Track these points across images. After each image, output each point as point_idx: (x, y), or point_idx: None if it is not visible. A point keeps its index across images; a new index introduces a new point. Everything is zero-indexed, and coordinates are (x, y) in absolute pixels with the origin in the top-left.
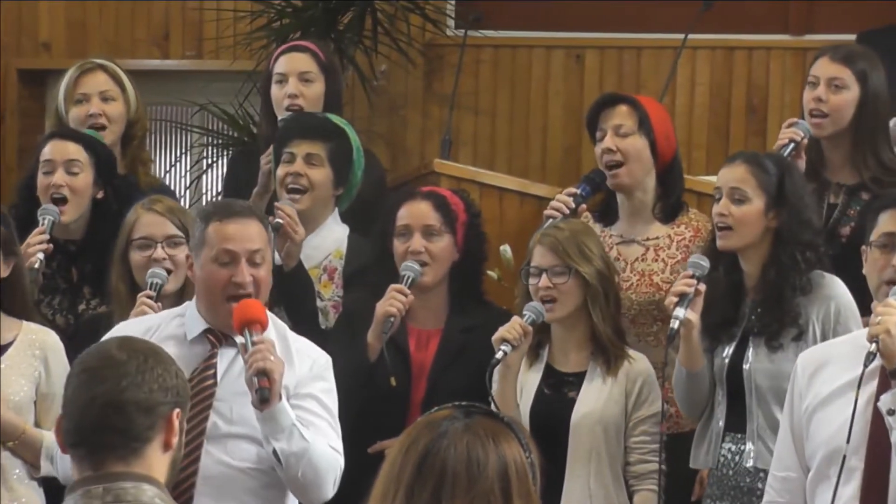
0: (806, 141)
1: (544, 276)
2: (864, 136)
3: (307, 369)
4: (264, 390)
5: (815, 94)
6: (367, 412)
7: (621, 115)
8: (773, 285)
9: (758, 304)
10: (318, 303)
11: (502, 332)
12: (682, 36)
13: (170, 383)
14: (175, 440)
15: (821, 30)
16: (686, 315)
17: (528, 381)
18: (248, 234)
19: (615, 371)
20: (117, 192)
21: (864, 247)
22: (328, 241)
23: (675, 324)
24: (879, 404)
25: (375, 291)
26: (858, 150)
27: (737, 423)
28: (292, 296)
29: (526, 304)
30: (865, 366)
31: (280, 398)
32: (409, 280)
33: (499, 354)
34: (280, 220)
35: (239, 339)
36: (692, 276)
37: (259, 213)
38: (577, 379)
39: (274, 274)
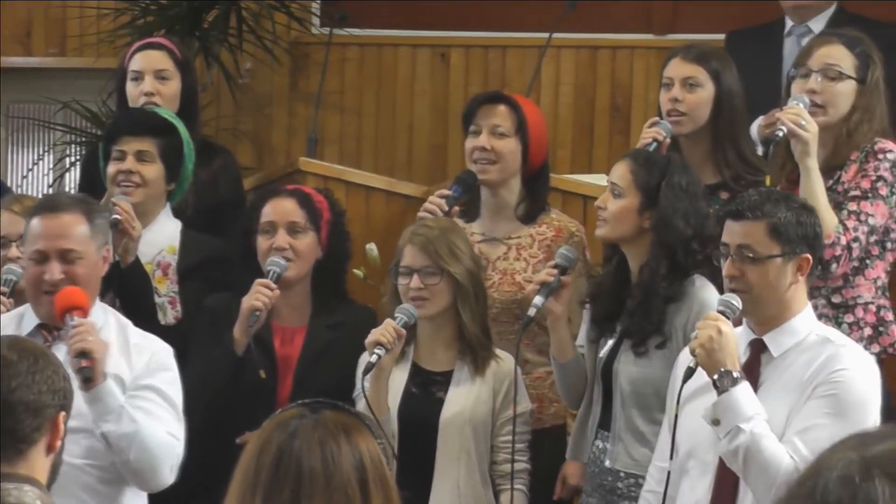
0: (668, 140)
1: (415, 276)
2: (723, 133)
3: (145, 363)
4: (86, 370)
5: (670, 94)
6: (235, 404)
7: (500, 116)
8: (642, 289)
9: (633, 305)
10: (156, 298)
11: (376, 335)
12: (546, 35)
13: (58, 385)
14: (59, 443)
15: (684, 30)
16: (548, 305)
17: (395, 380)
18: (62, 231)
19: (483, 370)
20: None
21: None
22: (161, 236)
23: (532, 311)
24: (702, 416)
25: (239, 289)
26: (718, 147)
27: (608, 421)
28: (130, 292)
29: (394, 302)
30: (684, 381)
31: (105, 379)
32: (275, 275)
33: (373, 358)
34: (118, 216)
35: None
36: (556, 266)
37: (87, 207)
38: (445, 378)
39: (111, 270)
